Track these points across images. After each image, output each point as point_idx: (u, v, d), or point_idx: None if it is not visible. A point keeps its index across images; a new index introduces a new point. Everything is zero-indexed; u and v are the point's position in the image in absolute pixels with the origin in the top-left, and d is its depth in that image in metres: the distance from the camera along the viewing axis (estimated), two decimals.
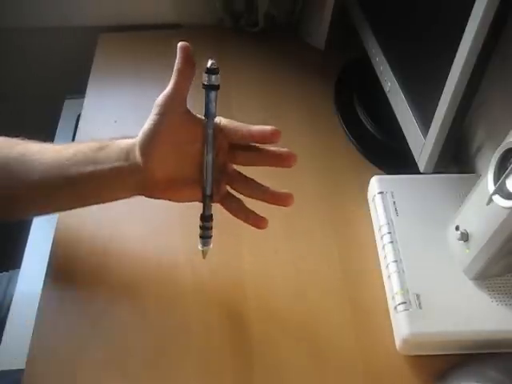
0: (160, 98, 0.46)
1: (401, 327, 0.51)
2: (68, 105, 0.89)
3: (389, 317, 0.55)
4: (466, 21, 0.45)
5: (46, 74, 0.95)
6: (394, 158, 0.68)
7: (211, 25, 0.89)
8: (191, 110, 0.47)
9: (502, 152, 0.47)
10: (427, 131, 0.53)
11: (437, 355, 0.53)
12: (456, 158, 0.68)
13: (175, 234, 0.62)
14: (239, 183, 0.51)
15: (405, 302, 0.52)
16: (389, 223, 0.58)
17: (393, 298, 0.54)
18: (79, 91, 0.79)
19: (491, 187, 0.48)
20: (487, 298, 0.53)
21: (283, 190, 0.49)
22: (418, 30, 0.59)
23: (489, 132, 0.64)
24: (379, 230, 0.59)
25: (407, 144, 0.59)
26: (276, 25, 0.88)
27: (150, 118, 0.46)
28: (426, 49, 0.57)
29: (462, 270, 0.54)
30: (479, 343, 0.52)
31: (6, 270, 0.76)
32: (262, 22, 0.86)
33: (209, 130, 0.47)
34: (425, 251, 0.56)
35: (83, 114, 0.76)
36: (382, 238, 0.58)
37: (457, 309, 0.52)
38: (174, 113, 0.46)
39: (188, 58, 0.45)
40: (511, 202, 0.46)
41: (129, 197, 0.50)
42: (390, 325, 0.54)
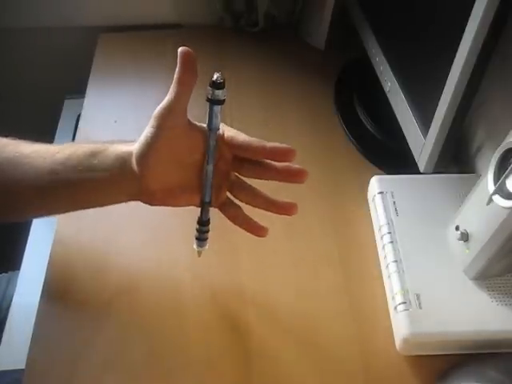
0: (158, 109, 0.43)
1: (401, 327, 0.51)
2: (68, 105, 0.89)
3: (389, 317, 0.55)
4: (466, 21, 0.45)
5: (46, 73, 0.94)
6: (394, 158, 0.68)
7: (211, 25, 0.89)
8: (191, 110, 0.45)
9: (502, 152, 0.47)
10: (427, 131, 0.53)
11: (437, 355, 0.53)
12: (456, 157, 0.68)
13: (175, 238, 0.61)
14: (240, 190, 0.49)
15: (405, 302, 0.52)
16: (389, 223, 0.58)
17: (393, 298, 0.54)
18: (79, 91, 0.79)
19: (491, 187, 0.48)
20: (487, 297, 0.53)
21: (286, 200, 0.48)
22: (418, 29, 0.59)
23: (489, 132, 0.64)
24: (379, 229, 0.59)
25: (407, 144, 0.59)
26: (276, 25, 0.88)
27: (147, 131, 0.44)
28: (425, 49, 0.57)
29: (462, 270, 0.54)
30: (479, 343, 0.52)
31: (6, 271, 0.76)
32: (262, 22, 0.86)
33: (211, 142, 0.45)
34: (425, 251, 0.56)
35: (83, 114, 0.76)
36: (381, 238, 0.58)
37: (457, 309, 0.52)
38: (173, 126, 0.44)
39: (189, 65, 0.42)
40: (511, 202, 0.46)
41: (125, 201, 0.48)
42: (390, 325, 0.54)
